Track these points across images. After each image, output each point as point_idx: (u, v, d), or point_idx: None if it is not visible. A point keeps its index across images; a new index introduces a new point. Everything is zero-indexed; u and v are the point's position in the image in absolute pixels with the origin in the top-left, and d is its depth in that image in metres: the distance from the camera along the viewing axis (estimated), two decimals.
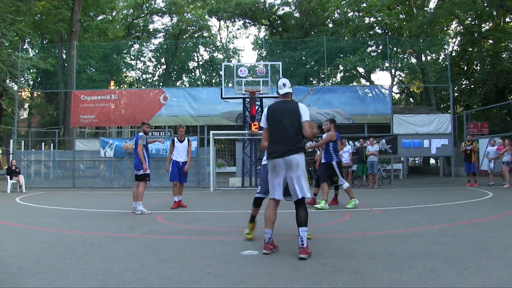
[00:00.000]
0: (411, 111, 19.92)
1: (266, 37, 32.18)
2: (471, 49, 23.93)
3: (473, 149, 13.29)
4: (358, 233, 4.98)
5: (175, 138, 7.98)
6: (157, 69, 32.80)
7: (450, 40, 25.76)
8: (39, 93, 29.36)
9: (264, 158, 4.54)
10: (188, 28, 31.63)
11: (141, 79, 30.66)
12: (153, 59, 32.10)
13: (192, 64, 32.91)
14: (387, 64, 22.27)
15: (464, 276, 3.06)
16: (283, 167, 3.76)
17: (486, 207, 7.55)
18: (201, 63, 32.95)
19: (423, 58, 24.36)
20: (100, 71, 24.10)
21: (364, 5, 21.71)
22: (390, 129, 15.42)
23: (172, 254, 3.92)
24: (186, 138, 8.03)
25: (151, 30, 33.29)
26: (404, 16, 24.43)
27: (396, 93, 33.20)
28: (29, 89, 28.11)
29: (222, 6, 27.72)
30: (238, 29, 36.29)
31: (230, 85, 14.00)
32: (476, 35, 23.03)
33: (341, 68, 26.17)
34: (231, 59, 32.72)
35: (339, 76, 29.44)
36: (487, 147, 13.89)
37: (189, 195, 7.59)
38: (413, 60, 25.43)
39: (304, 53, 24.64)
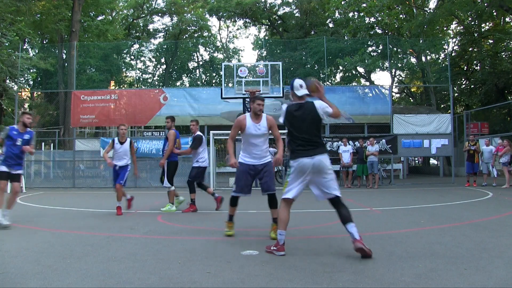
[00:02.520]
0: (411, 111, 19.91)
1: (266, 37, 32.17)
2: (471, 49, 23.92)
3: (476, 149, 13.29)
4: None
5: (116, 139, 7.23)
6: (157, 69, 32.82)
7: (450, 40, 25.76)
8: (39, 93, 29.36)
9: (241, 156, 4.63)
10: (188, 28, 31.64)
11: (141, 79, 30.67)
12: (153, 59, 32.12)
13: (192, 64, 32.92)
14: (387, 64, 22.26)
15: (465, 276, 3.06)
16: (310, 167, 3.75)
17: (486, 207, 7.55)
18: (201, 63, 32.96)
19: (423, 58, 24.35)
20: (100, 71, 24.09)
21: (364, 5, 21.70)
22: (390, 129, 15.42)
23: (172, 254, 3.92)
24: (128, 140, 7.28)
25: (151, 30, 33.31)
26: (404, 16, 24.42)
27: (396, 93, 33.21)
28: (29, 89, 28.11)
29: (222, 5, 27.72)
30: (238, 29, 36.32)
31: (230, 85, 13.99)
32: (476, 35, 23.02)
33: (341, 68, 26.16)
34: (231, 59, 32.72)
35: (339, 76, 29.43)
36: (482, 147, 13.87)
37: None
38: (413, 60, 25.43)
39: (304, 53, 24.62)
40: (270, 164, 4.75)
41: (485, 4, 19.80)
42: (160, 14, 32.45)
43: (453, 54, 24.97)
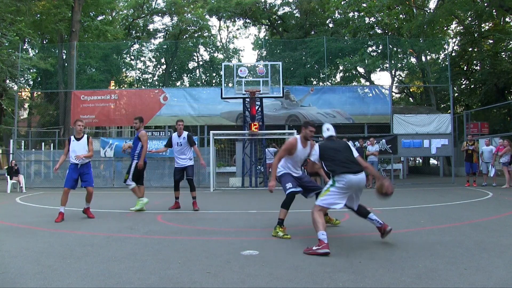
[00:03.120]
0: (411, 111, 19.92)
1: (266, 37, 32.17)
2: (471, 49, 23.92)
3: (474, 149, 13.29)
4: (358, 233, 4.98)
5: (72, 137, 6.93)
6: (157, 69, 32.83)
7: (450, 40, 25.75)
8: (39, 93, 29.36)
9: (282, 166, 4.98)
10: (188, 28, 31.64)
11: (141, 79, 30.68)
12: (153, 59, 32.12)
13: (192, 64, 32.93)
14: (387, 64, 22.27)
15: (465, 276, 3.06)
16: (356, 183, 4.19)
17: (486, 207, 7.55)
18: (201, 63, 32.96)
19: (423, 58, 24.35)
20: (100, 71, 24.09)
21: (364, 5, 21.70)
22: (390, 129, 15.42)
23: (172, 254, 3.92)
24: (84, 136, 7.01)
25: (151, 30, 33.31)
26: (404, 16, 24.43)
27: (396, 93, 33.21)
28: (29, 89, 28.12)
29: (222, 5, 27.72)
30: (238, 29, 36.35)
31: (230, 85, 13.99)
32: (476, 35, 23.02)
33: (341, 68, 26.17)
34: (231, 59, 32.72)
35: (339, 76, 29.45)
36: (482, 147, 13.87)
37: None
38: (413, 60, 25.44)
39: (304, 53, 24.64)
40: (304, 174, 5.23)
41: (485, 4, 19.80)
42: (160, 14, 32.46)
43: (453, 54, 24.97)
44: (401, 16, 24.35)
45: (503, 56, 23.07)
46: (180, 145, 7.54)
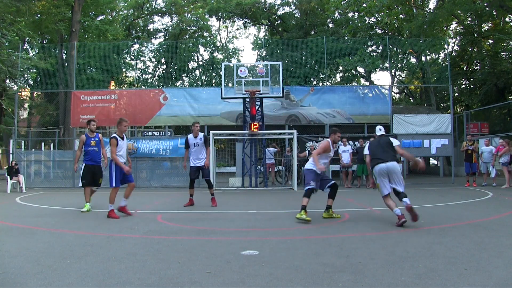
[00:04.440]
0: (411, 111, 19.91)
1: (266, 37, 32.17)
2: (471, 49, 23.92)
3: (474, 149, 13.30)
4: (358, 233, 4.98)
5: (117, 136, 6.87)
6: (157, 69, 32.81)
7: (450, 40, 25.75)
8: (39, 93, 29.36)
9: (310, 163, 6.34)
10: (188, 28, 31.63)
11: (141, 79, 30.66)
12: (153, 59, 32.11)
13: (192, 64, 32.92)
14: (387, 64, 22.26)
15: (465, 276, 3.07)
16: (384, 169, 5.66)
17: (486, 207, 7.55)
18: (201, 63, 32.96)
19: (423, 58, 24.34)
20: (100, 71, 24.09)
21: (364, 5, 21.70)
22: (390, 129, 15.42)
23: (172, 254, 3.92)
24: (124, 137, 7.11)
25: (151, 30, 33.30)
26: (404, 16, 24.41)
27: (396, 93, 33.22)
28: (29, 89, 28.12)
29: (222, 5, 27.71)
30: (237, 29, 36.31)
31: (230, 85, 13.98)
32: (476, 35, 23.01)
33: (341, 68, 26.17)
34: (231, 59, 32.72)
35: (339, 76, 29.45)
36: (482, 147, 13.87)
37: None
38: (413, 60, 25.43)
39: (304, 53, 24.63)
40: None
41: (485, 4, 19.80)
42: (160, 14, 32.46)
43: (453, 54, 24.97)
44: (401, 16, 24.34)
45: (503, 56, 23.06)
46: (197, 146, 7.90)
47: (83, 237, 4.88)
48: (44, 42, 26.68)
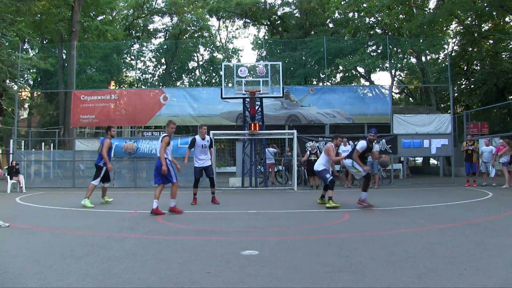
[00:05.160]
0: (411, 111, 19.91)
1: (266, 37, 32.17)
2: (471, 49, 23.91)
3: (474, 149, 13.29)
4: (358, 233, 4.98)
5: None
6: (157, 69, 32.83)
7: (450, 40, 25.74)
8: (39, 93, 29.35)
9: (321, 164, 7.88)
10: (188, 28, 31.63)
11: (141, 79, 30.66)
12: (153, 59, 32.13)
13: (192, 64, 32.93)
14: (387, 64, 22.26)
15: (465, 276, 3.07)
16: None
17: (486, 207, 7.55)
18: (201, 63, 32.96)
19: (423, 58, 24.33)
20: (100, 71, 24.08)
21: (364, 5, 21.70)
22: (390, 129, 15.41)
23: (172, 254, 3.92)
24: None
25: (151, 30, 33.31)
26: (404, 16, 24.41)
27: (396, 93, 33.22)
28: (29, 89, 28.10)
29: (222, 5, 27.71)
30: (237, 29, 36.33)
31: (230, 85, 13.97)
32: (476, 35, 23.01)
33: (341, 68, 26.17)
34: (231, 59, 32.72)
35: (339, 76, 29.45)
36: (482, 147, 13.86)
37: (189, 195, 7.58)
38: (413, 60, 25.43)
39: (304, 53, 24.64)
40: None
41: (485, 4, 19.79)
42: (160, 14, 32.46)
43: (453, 54, 24.96)
44: (401, 16, 24.33)
45: (503, 56, 23.05)
46: (205, 147, 8.46)
47: (83, 237, 4.88)
48: (44, 42, 26.67)
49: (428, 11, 23.50)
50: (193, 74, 33.05)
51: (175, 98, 16.64)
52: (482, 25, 23.56)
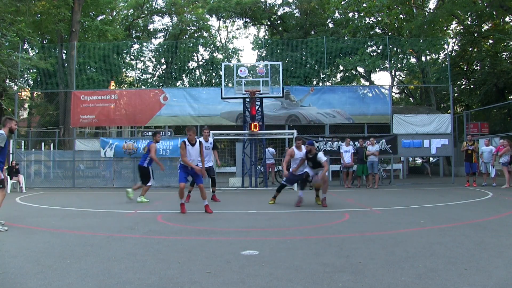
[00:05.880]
0: (411, 111, 19.89)
1: (266, 37, 32.17)
2: (471, 49, 23.91)
3: (474, 149, 13.29)
4: (358, 233, 4.98)
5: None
6: (157, 69, 32.81)
7: (450, 40, 25.74)
8: (39, 93, 29.34)
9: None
10: (188, 28, 31.62)
11: (141, 79, 30.66)
12: (153, 59, 32.10)
13: (192, 64, 32.91)
14: (387, 64, 22.25)
15: (465, 276, 3.07)
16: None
17: (486, 207, 7.55)
18: (201, 63, 32.95)
19: (423, 58, 24.33)
20: (100, 71, 24.06)
21: (364, 5, 21.70)
22: (390, 129, 15.41)
23: (172, 254, 3.92)
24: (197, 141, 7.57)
25: (151, 30, 33.28)
26: (404, 16, 24.41)
27: (396, 93, 33.22)
28: (29, 89, 28.08)
29: (222, 5, 27.71)
30: (237, 29, 36.35)
31: (230, 85, 13.97)
32: (476, 35, 23.01)
33: (341, 68, 26.16)
34: (231, 59, 32.71)
35: (339, 76, 29.43)
36: (482, 147, 13.86)
37: (190, 195, 7.59)
38: (413, 60, 25.42)
39: (304, 53, 24.62)
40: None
41: (485, 4, 19.79)
42: (160, 14, 32.44)
43: (453, 54, 24.95)
44: (401, 16, 24.33)
45: (503, 56, 23.05)
46: (208, 149, 8.81)
47: (83, 237, 4.88)
48: (44, 42, 26.65)
49: (428, 11, 23.50)
50: (193, 74, 33.03)
51: (175, 98, 16.63)
52: (482, 25, 23.55)
